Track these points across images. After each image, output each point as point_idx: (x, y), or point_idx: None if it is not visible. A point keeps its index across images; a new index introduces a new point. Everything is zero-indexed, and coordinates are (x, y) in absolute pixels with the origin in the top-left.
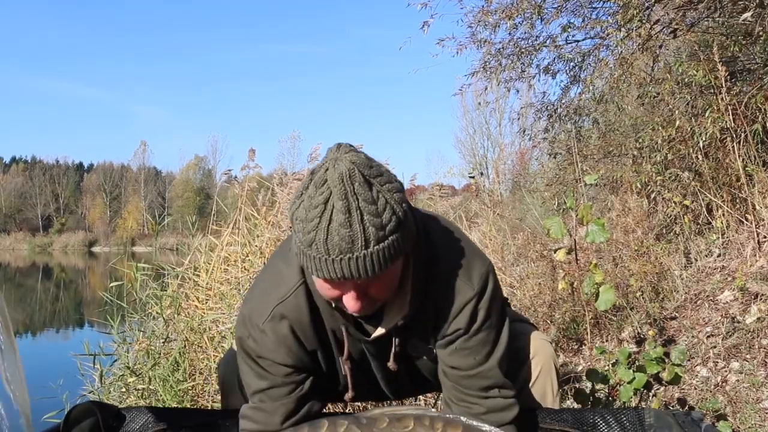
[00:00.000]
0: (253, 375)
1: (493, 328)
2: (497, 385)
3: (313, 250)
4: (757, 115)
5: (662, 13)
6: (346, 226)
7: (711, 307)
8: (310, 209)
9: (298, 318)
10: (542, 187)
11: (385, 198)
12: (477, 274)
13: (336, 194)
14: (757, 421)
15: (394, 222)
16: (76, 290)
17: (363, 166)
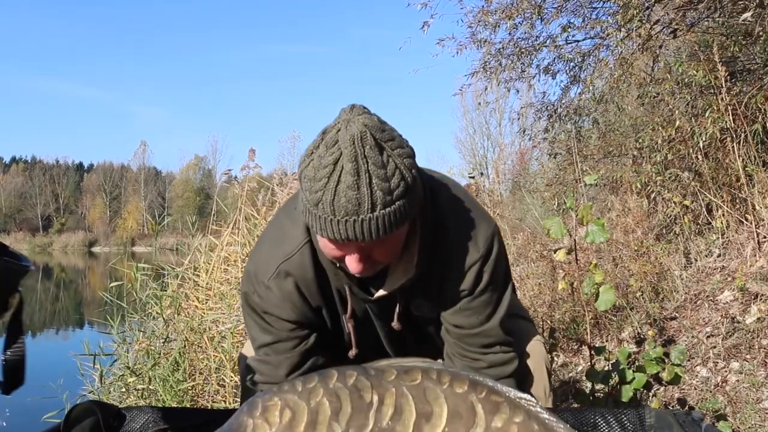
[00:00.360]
0: (259, 329)
1: (497, 290)
2: (498, 342)
3: (319, 210)
4: (757, 115)
5: (662, 13)
6: (353, 189)
7: (711, 307)
8: (319, 169)
9: (302, 276)
10: (542, 187)
11: (395, 163)
12: (483, 236)
13: (346, 156)
14: (757, 421)
15: (402, 187)
16: (76, 290)
17: (375, 129)
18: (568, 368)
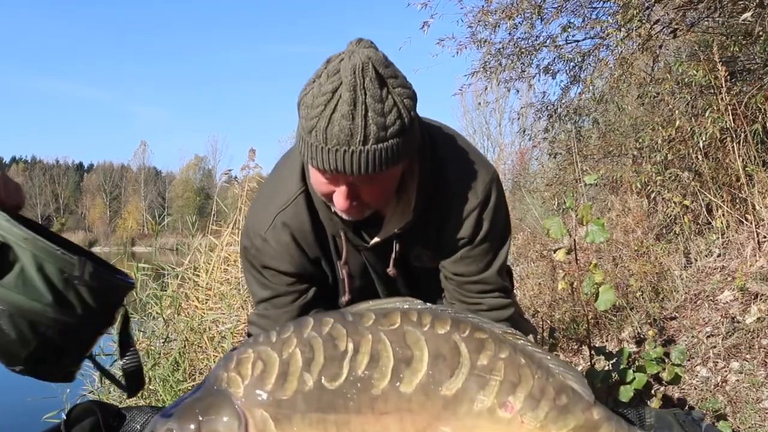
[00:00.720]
0: (258, 284)
1: (496, 238)
2: (497, 288)
3: (312, 138)
4: (757, 115)
5: (662, 13)
6: (348, 118)
7: (711, 307)
8: (318, 96)
9: (298, 225)
10: (542, 187)
11: (394, 100)
12: (481, 183)
13: (345, 85)
14: (757, 421)
15: (397, 126)
16: None
17: (379, 63)
18: None
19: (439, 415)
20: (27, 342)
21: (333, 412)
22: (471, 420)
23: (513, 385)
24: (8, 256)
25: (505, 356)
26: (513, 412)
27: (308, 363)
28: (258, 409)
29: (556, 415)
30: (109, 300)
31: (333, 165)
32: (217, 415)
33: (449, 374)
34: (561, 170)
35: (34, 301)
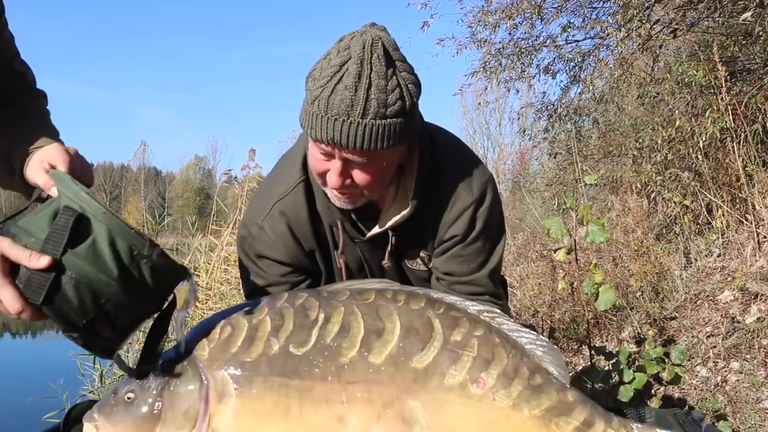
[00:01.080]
0: (252, 275)
1: (489, 239)
2: (488, 292)
3: (314, 107)
4: (757, 115)
5: (662, 13)
6: (351, 90)
7: (711, 307)
8: (326, 68)
9: (296, 215)
10: (542, 187)
11: (398, 80)
12: (477, 182)
13: (354, 58)
14: (757, 421)
15: (398, 106)
16: None
17: (389, 45)
18: (568, 368)
19: (409, 388)
20: (86, 311)
21: (297, 377)
22: (441, 394)
23: (486, 362)
24: (85, 227)
25: (479, 334)
26: (485, 388)
27: (276, 329)
28: (220, 371)
29: (529, 394)
30: (165, 285)
31: (330, 135)
32: (179, 376)
33: (421, 347)
34: (561, 170)
35: (101, 273)
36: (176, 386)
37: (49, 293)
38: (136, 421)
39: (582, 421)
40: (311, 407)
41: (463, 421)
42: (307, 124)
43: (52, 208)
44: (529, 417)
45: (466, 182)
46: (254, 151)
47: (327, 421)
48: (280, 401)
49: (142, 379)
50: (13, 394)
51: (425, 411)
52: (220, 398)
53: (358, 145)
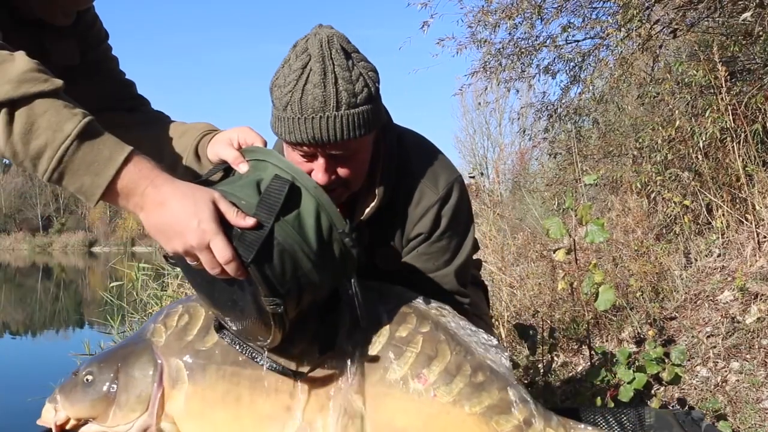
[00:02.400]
0: None
1: (454, 237)
2: (452, 291)
3: (287, 112)
4: (757, 115)
5: (662, 13)
6: (320, 87)
7: (711, 307)
8: (289, 74)
9: None
10: (542, 187)
11: (360, 71)
12: (443, 180)
13: (314, 58)
14: (757, 421)
15: (366, 93)
16: (76, 290)
17: (342, 39)
18: (568, 368)
19: (353, 381)
20: (285, 282)
21: (249, 367)
22: (383, 388)
23: (429, 359)
24: (295, 197)
25: (425, 331)
26: (426, 384)
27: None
28: (174, 358)
29: (470, 391)
30: (345, 274)
31: (310, 134)
32: (135, 361)
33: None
34: (561, 170)
35: (304, 245)
36: (131, 370)
37: (260, 253)
38: (93, 401)
39: (522, 419)
40: (261, 396)
41: (403, 415)
42: (284, 130)
43: (253, 178)
44: (469, 414)
45: (432, 180)
46: None
47: (275, 410)
48: (231, 389)
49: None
50: (13, 394)
51: (366, 404)
52: (173, 384)
53: (338, 136)
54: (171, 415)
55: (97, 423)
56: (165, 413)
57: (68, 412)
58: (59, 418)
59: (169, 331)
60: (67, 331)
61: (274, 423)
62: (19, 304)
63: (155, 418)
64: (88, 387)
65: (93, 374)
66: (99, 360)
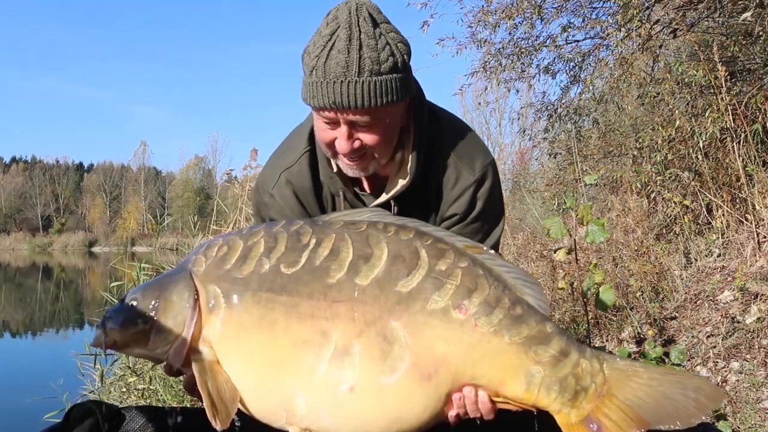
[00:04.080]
0: None
1: (488, 221)
2: None
3: (312, 77)
4: (757, 115)
5: (662, 13)
6: (344, 52)
7: (711, 307)
8: (318, 41)
9: (301, 184)
10: (542, 187)
11: (386, 39)
12: (479, 163)
13: (342, 25)
14: (757, 421)
15: (390, 62)
16: (76, 290)
17: (373, 9)
18: None
19: (392, 309)
20: None
21: (284, 294)
22: (423, 317)
23: (469, 291)
24: None
25: (464, 266)
26: (467, 314)
27: (269, 250)
28: (212, 285)
29: (509, 323)
30: None
31: (331, 98)
32: (174, 288)
33: (406, 273)
34: (561, 170)
35: None
36: (170, 296)
37: None
38: (135, 326)
39: (559, 350)
40: (296, 321)
41: (444, 343)
42: (309, 95)
43: None
44: (509, 343)
45: (468, 161)
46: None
47: (311, 334)
48: (267, 314)
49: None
50: (13, 394)
51: (406, 331)
52: (210, 309)
53: (359, 103)
54: (208, 339)
55: (139, 347)
56: (203, 338)
57: (114, 337)
58: (108, 341)
59: (209, 261)
60: (67, 331)
61: (310, 347)
62: (19, 304)
63: (191, 342)
64: (131, 312)
65: (137, 300)
66: (143, 288)
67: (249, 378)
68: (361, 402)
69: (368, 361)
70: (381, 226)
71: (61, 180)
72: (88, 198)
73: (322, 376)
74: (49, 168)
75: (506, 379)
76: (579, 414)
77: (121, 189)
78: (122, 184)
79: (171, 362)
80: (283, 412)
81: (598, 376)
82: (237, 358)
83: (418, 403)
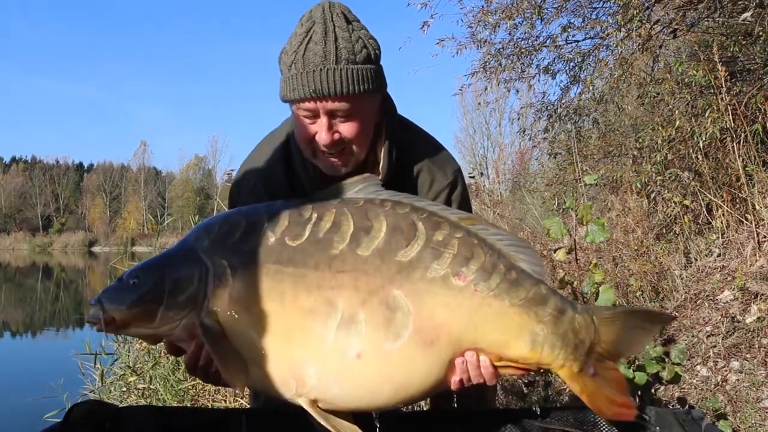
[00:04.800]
0: None
1: None
2: None
3: (291, 71)
4: (757, 115)
5: (662, 13)
6: (321, 44)
7: (711, 306)
8: (294, 39)
9: (275, 182)
10: (542, 187)
11: (359, 35)
12: (450, 168)
13: (317, 21)
14: (757, 421)
15: (364, 54)
16: (76, 290)
17: (345, 9)
18: None
19: (393, 278)
20: None
21: (291, 265)
22: (424, 285)
23: (466, 259)
24: None
25: (459, 236)
26: (466, 281)
27: (273, 225)
28: (220, 259)
29: (507, 286)
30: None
31: (311, 87)
32: (180, 263)
33: (405, 244)
34: (561, 170)
35: None
36: (177, 273)
37: None
38: (139, 304)
39: (555, 308)
40: (304, 292)
41: (445, 309)
42: (289, 89)
43: None
44: (510, 305)
45: (440, 166)
46: None
47: (318, 304)
48: (275, 286)
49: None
50: (13, 394)
51: (407, 299)
52: (218, 283)
53: (338, 89)
54: (216, 312)
55: (143, 324)
56: (210, 311)
57: (114, 314)
58: (107, 319)
59: (212, 236)
60: (67, 331)
61: (317, 317)
62: (19, 304)
63: (201, 317)
64: (134, 290)
65: (140, 278)
66: (144, 266)
67: (259, 349)
68: (368, 368)
69: (373, 328)
70: (378, 202)
71: (61, 180)
72: (88, 198)
73: (330, 344)
74: (49, 168)
75: (510, 341)
76: (579, 364)
77: (121, 189)
78: (122, 184)
79: (176, 339)
80: (293, 381)
81: (590, 327)
82: (247, 330)
83: (421, 368)
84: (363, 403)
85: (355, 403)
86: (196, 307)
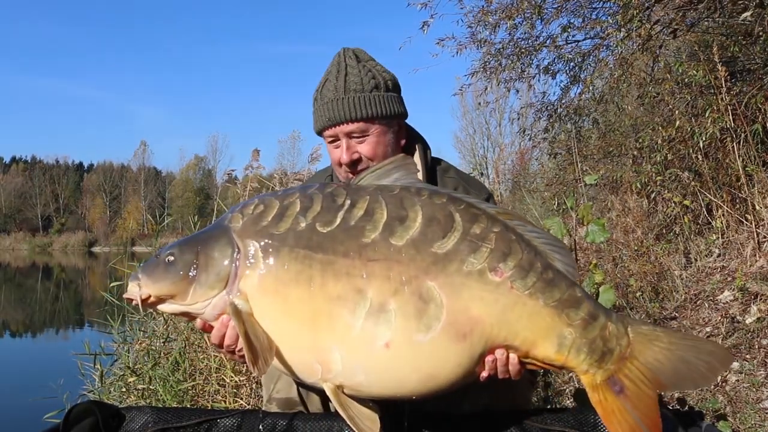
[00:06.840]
0: None
1: None
2: None
3: (314, 106)
4: (757, 115)
5: (662, 13)
6: (333, 81)
7: (711, 307)
8: (319, 83)
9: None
10: (542, 187)
11: (369, 68)
12: (485, 190)
13: (333, 64)
14: (757, 421)
15: (372, 84)
16: (76, 290)
17: (359, 51)
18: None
19: (428, 270)
20: None
21: (320, 251)
22: (460, 278)
23: (504, 255)
24: None
25: (497, 230)
26: (503, 277)
27: (305, 210)
28: (251, 240)
29: (543, 285)
30: None
31: (328, 116)
32: (215, 243)
33: (441, 235)
34: (561, 170)
35: None
36: (211, 251)
37: None
38: (174, 280)
39: (588, 313)
40: (332, 278)
41: (480, 303)
42: (315, 122)
43: None
44: (543, 305)
45: (476, 186)
46: (258, 151)
47: (346, 291)
48: (304, 270)
49: (183, 245)
50: (13, 394)
51: (441, 291)
52: (249, 264)
53: (347, 115)
54: (245, 292)
55: (177, 301)
56: (240, 291)
57: (150, 290)
58: (143, 293)
59: (246, 218)
60: (67, 331)
61: (346, 304)
62: (19, 304)
63: (231, 297)
64: (169, 267)
65: (174, 255)
66: (180, 243)
67: (286, 332)
68: (396, 358)
69: (403, 318)
70: (414, 190)
71: (61, 180)
72: (88, 198)
73: (357, 332)
74: (49, 168)
75: (539, 341)
76: (604, 375)
77: (121, 189)
78: (122, 184)
79: (206, 317)
80: (318, 366)
81: (623, 338)
82: (274, 312)
83: (451, 362)
84: (389, 392)
85: (380, 391)
86: (226, 286)
